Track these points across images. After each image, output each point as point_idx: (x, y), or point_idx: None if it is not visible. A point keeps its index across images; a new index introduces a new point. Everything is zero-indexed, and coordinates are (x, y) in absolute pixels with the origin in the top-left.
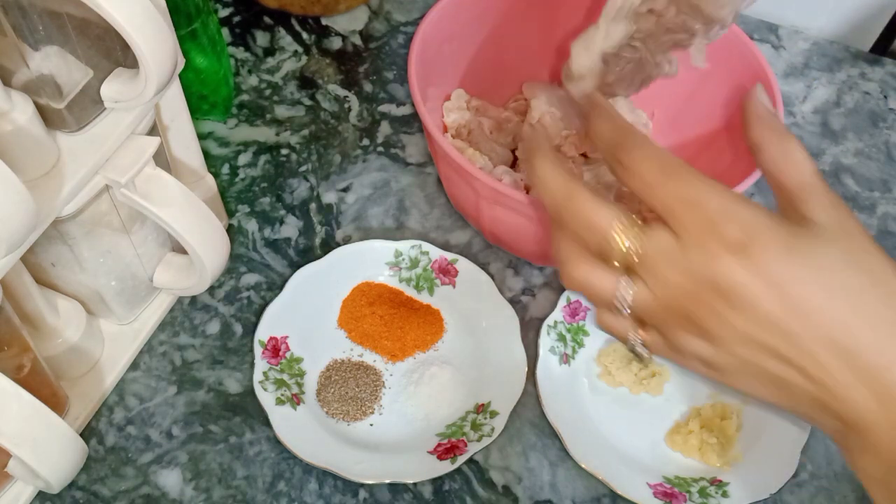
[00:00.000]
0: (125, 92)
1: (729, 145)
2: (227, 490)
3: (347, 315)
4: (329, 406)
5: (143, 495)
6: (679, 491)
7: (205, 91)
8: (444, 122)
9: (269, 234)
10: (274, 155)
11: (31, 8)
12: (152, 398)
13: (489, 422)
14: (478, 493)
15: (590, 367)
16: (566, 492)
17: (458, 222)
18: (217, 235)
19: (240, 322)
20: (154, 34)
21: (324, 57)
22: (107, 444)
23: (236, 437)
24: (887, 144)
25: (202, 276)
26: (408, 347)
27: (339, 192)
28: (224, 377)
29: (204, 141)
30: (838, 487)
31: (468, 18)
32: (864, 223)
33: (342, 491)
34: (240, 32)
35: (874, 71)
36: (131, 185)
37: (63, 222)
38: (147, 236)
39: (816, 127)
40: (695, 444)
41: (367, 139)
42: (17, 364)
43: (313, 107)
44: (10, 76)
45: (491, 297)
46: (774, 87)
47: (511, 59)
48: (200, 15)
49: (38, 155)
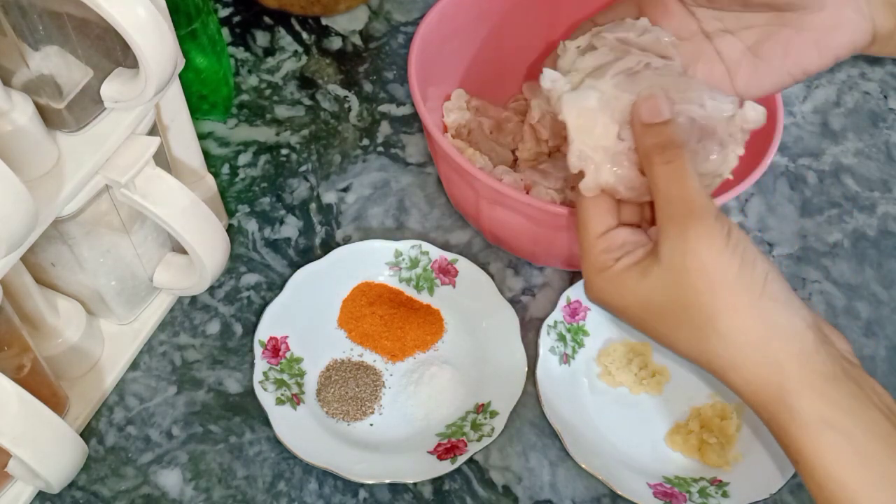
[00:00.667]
0: (125, 92)
1: None
2: (227, 490)
3: (347, 315)
4: (329, 406)
5: (143, 495)
6: (679, 491)
7: (205, 91)
8: (444, 122)
9: (269, 234)
10: (274, 155)
11: (31, 8)
12: (152, 398)
13: (489, 422)
14: (478, 493)
15: (590, 367)
16: (566, 492)
17: (458, 222)
18: (217, 235)
19: (240, 322)
20: (154, 34)
21: (324, 57)
22: (107, 444)
23: (236, 437)
24: (887, 144)
25: (202, 276)
26: (408, 347)
27: (339, 192)
28: (224, 377)
29: (204, 141)
30: None
31: (468, 18)
32: (864, 223)
33: (342, 491)
34: (240, 32)
35: (874, 71)
36: (131, 185)
37: (63, 222)
38: (147, 236)
39: (816, 127)
40: (695, 444)
41: (367, 139)
42: (17, 364)
43: (313, 107)
44: (10, 76)
45: (491, 297)
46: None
47: (511, 59)
48: (200, 15)
49: (38, 155)
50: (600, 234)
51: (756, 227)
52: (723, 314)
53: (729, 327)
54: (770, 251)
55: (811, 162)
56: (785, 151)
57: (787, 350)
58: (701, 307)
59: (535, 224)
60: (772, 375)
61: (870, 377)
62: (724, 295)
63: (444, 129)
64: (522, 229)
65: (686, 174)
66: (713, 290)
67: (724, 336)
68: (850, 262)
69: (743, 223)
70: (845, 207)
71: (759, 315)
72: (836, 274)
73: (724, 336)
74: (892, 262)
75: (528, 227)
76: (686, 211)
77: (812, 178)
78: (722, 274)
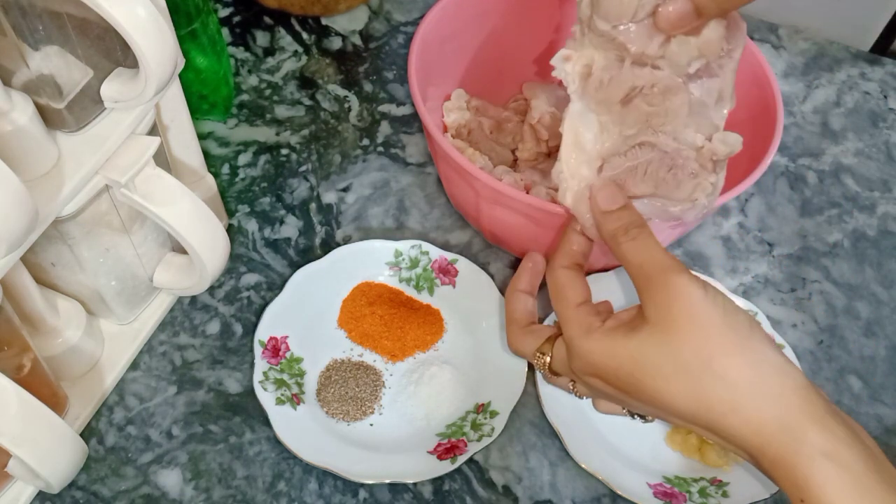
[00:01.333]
0: (125, 92)
1: None
2: (227, 490)
3: (347, 315)
4: (329, 406)
5: (143, 495)
6: (679, 491)
7: (205, 91)
8: (444, 122)
9: (269, 234)
10: (274, 155)
11: (31, 8)
12: (152, 398)
13: (489, 422)
14: (478, 493)
15: None
16: (566, 492)
17: (458, 222)
18: (217, 235)
19: (240, 322)
20: (154, 34)
21: (324, 57)
22: (107, 444)
23: (236, 437)
24: (887, 144)
25: (202, 276)
26: (408, 347)
27: (339, 192)
28: (224, 377)
29: (204, 141)
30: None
31: (468, 18)
32: (864, 223)
33: (342, 491)
34: (240, 32)
35: (874, 71)
36: (131, 185)
37: (63, 222)
38: (147, 236)
39: (816, 127)
40: (695, 444)
41: (367, 139)
42: (17, 364)
43: (313, 107)
44: (10, 76)
45: (491, 297)
46: (774, 87)
47: (511, 58)
48: (200, 15)
49: (38, 155)
50: (580, 303)
51: (756, 227)
52: (718, 355)
53: (726, 367)
54: (770, 251)
55: (811, 162)
56: (785, 151)
57: (785, 384)
58: (695, 352)
59: (535, 224)
60: (774, 410)
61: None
62: (715, 337)
63: (444, 129)
64: (522, 229)
65: (654, 243)
66: (705, 334)
67: (723, 377)
68: (850, 262)
69: (743, 223)
70: (845, 207)
71: (752, 354)
72: (836, 274)
73: (723, 377)
74: (892, 262)
75: (528, 227)
76: (661, 269)
77: (812, 178)
78: (708, 318)
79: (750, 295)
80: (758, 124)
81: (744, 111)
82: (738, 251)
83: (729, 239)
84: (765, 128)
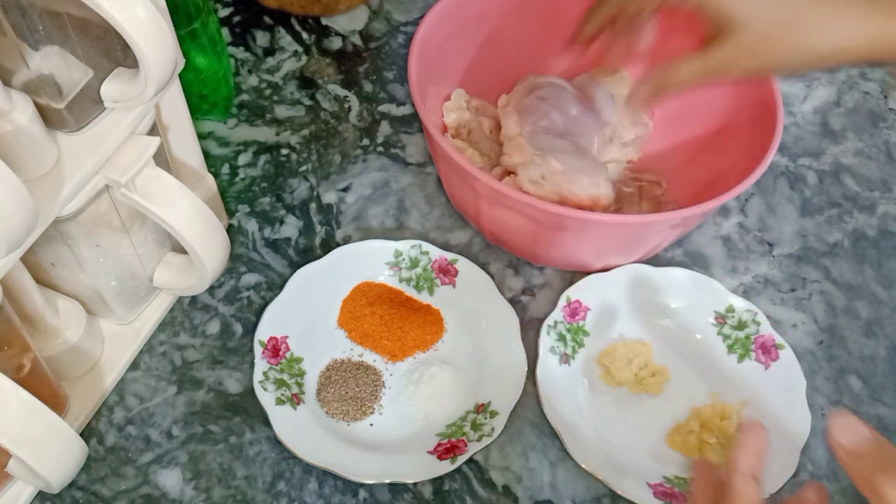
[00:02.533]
0: (125, 92)
1: (729, 145)
2: (227, 490)
3: (347, 315)
4: (329, 406)
5: (143, 495)
6: (679, 491)
7: (205, 91)
8: (444, 122)
9: (269, 234)
10: (274, 155)
11: (31, 8)
12: (152, 398)
13: (489, 422)
14: (478, 493)
15: (590, 367)
16: (566, 492)
17: (458, 222)
18: (217, 235)
19: (240, 322)
20: (154, 34)
21: (324, 57)
22: (107, 444)
23: (236, 437)
24: (887, 144)
25: (202, 276)
26: (408, 347)
27: (339, 192)
28: (224, 377)
29: (204, 141)
30: (838, 487)
31: (468, 18)
32: (864, 223)
33: (342, 491)
34: (240, 32)
35: (874, 71)
36: (131, 185)
37: (63, 222)
38: (147, 236)
39: (816, 127)
40: (695, 444)
41: (367, 139)
42: (17, 364)
43: (313, 107)
44: (10, 76)
45: (491, 297)
46: (774, 87)
47: (511, 58)
48: (200, 15)
49: (38, 155)
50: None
51: (756, 227)
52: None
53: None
54: (770, 251)
55: (811, 162)
56: (785, 151)
57: None
58: None
59: (535, 224)
60: None
61: None
62: None
63: (444, 129)
64: (522, 229)
65: None
66: None
67: None
68: (850, 262)
69: (743, 223)
70: (845, 207)
71: None
72: (836, 274)
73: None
74: (892, 262)
75: (528, 227)
76: None
77: (812, 178)
78: None
79: (750, 295)
80: (758, 124)
81: (744, 111)
82: (739, 251)
83: (729, 239)
84: (765, 128)
